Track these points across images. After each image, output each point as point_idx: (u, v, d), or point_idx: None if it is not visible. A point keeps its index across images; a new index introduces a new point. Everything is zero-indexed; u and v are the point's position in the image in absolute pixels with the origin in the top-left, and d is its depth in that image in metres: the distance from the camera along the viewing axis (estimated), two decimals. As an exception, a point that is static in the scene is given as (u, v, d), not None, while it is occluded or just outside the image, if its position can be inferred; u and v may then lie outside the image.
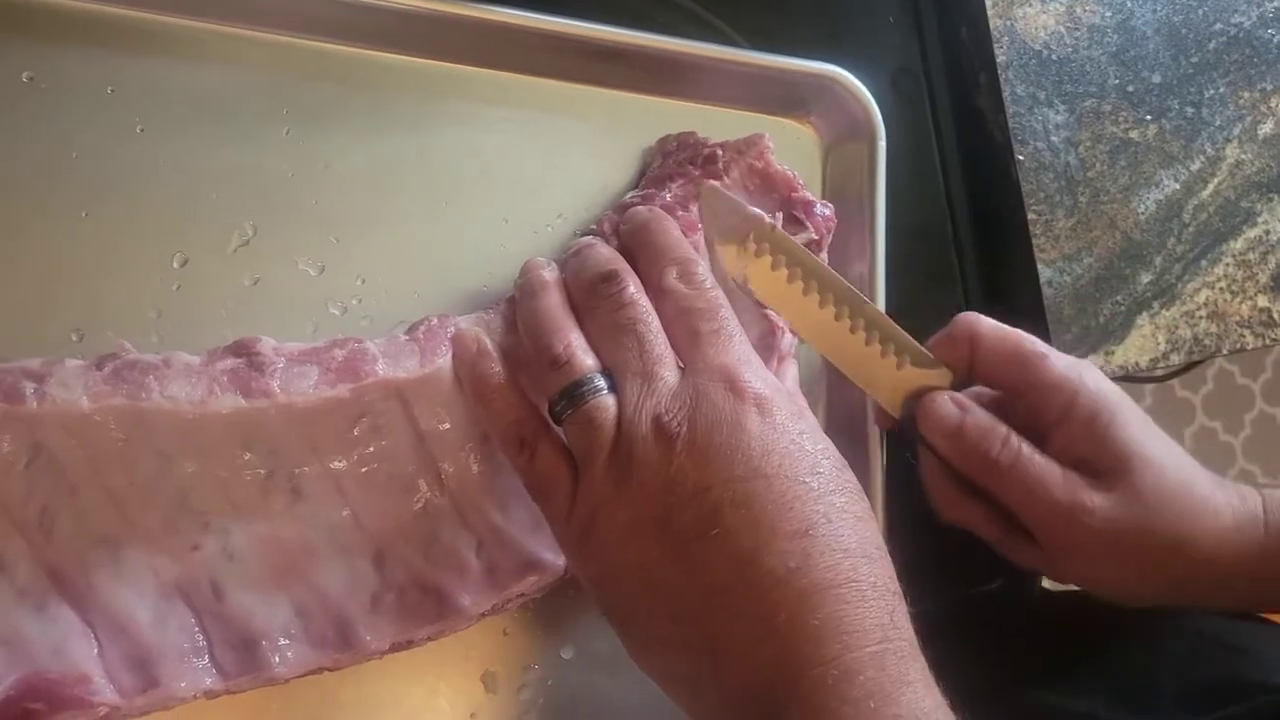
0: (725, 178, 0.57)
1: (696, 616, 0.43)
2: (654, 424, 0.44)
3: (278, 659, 0.47)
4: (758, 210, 0.53)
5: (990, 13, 0.68)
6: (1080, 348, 0.66)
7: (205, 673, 0.46)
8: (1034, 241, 0.66)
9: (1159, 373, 0.68)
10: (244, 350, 0.47)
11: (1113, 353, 0.67)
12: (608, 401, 0.45)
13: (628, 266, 0.49)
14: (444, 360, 0.50)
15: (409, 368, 0.49)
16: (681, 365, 0.47)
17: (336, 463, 0.48)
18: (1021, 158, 0.67)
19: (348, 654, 0.48)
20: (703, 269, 0.49)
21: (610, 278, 0.48)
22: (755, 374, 0.46)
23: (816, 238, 0.57)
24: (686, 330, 0.47)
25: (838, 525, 0.44)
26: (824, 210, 0.58)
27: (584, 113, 0.59)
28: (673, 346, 0.47)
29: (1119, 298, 0.67)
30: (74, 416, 0.44)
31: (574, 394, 0.46)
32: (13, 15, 0.49)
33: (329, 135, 0.54)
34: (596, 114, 0.59)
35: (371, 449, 0.49)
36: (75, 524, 0.45)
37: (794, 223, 0.58)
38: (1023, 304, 0.66)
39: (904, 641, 0.43)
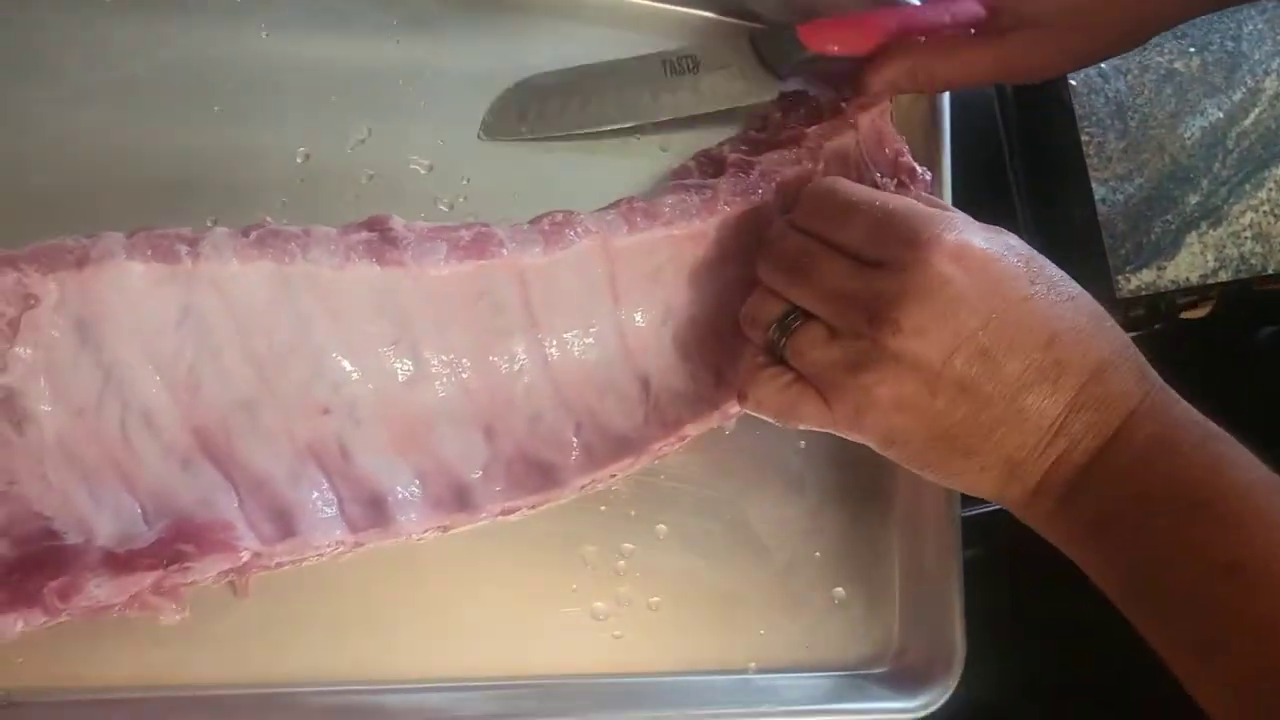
0: (854, 129, 0.60)
1: (962, 431, 0.48)
2: (878, 325, 0.47)
3: (401, 517, 0.49)
4: None
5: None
6: (1134, 262, 0.68)
7: (336, 525, 0.49)
8: (1087, 161, 0.68)
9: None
10: (377, 225, 0.50)
11: (1164, 268, 0.69)
12: (806, 330, 0.50)
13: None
14: (564, 252, 0.52)
15: (533, 254, 0.52)
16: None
17: (457, 337, 0.51)
18: (1074, 82, 0.69)
19: (462, 515, 0.50)
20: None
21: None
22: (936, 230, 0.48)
23: None
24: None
25: (1070, 318, 0.48)
26: (925, 176, 0.61)
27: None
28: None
29: (1169, 217, 0.70)
30: (224, 276, 0.47)
31: (784, 325, 0.50)
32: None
33: (435, 42, 0.57)
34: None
35: (489, 326, 0.51)
36: (219, 384, 0.48)
37: (899, 185, 0.61)
38: (1078, 220, 0.68)
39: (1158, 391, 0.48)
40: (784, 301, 0.51)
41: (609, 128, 0.58)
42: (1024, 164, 0.70)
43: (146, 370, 0.47)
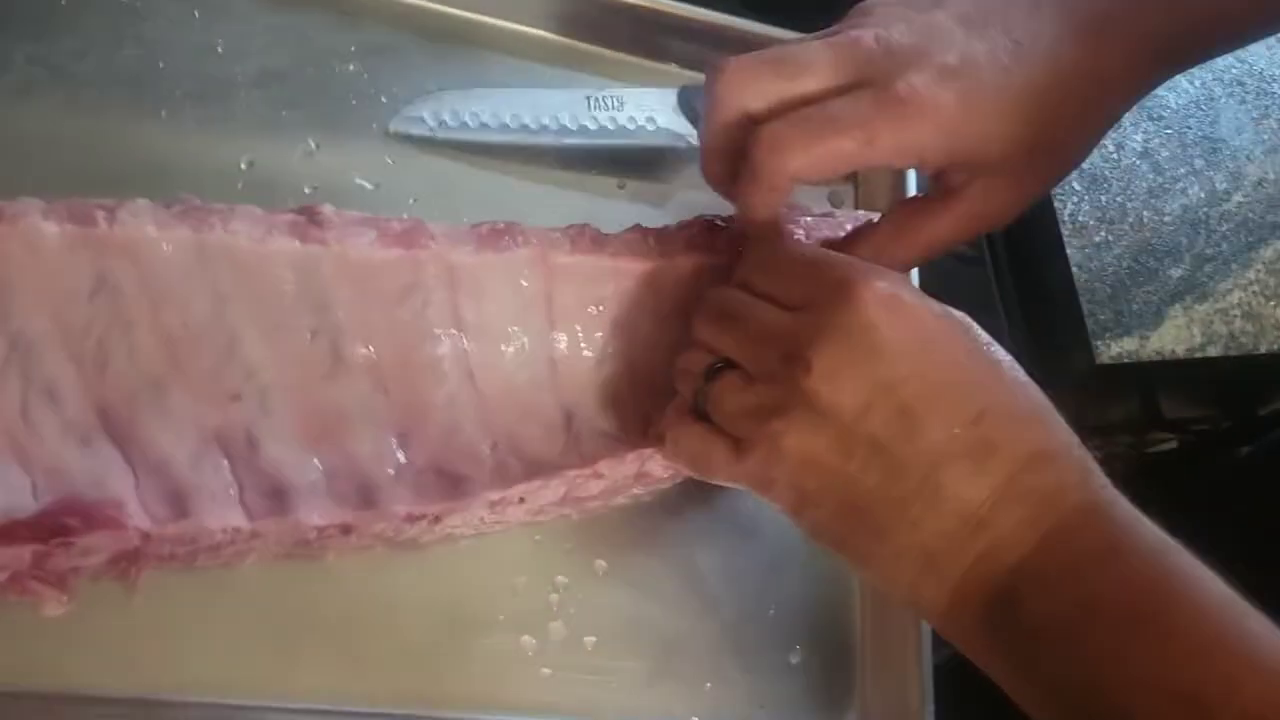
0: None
1: (875, 505, 0.43)
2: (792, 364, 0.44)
3: (302, 508, 0.46)
4: None
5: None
6: (1115, 329, 0.65)
7: (235, 513, 0.46)
8: (1062, 229, 0.67)
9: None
10: (306, 210, 0.48)
11: (1147, 338, 0.66)
12: (725, 381, 0.47)
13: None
14: (498, 255, 0.51)
15: (465, 250, 0.50)
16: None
17: (380, 332, 0.49)
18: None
19: (366, 514, 0.47)
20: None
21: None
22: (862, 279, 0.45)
23: None
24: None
25: (1008, 398, 0.44)
26: None
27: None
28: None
29: (1150, 288, 0.67)
30: (140, 242, 0.45)
31: (708, 376, 0.47)
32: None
33: (392, 68, 0.57)
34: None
35: (414, 326, 0.49)
36: (128, 361, 0.46)
37: None
38: (1055, 286, 0.66)
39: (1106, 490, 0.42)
40: (711, 353, 0.48)
41: (514, 141, 0.58)
42: (998, 231, 0.69)
43: (53, 342, 0.45)
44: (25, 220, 0.44)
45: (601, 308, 0.53)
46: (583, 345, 0.53)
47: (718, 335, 0.48)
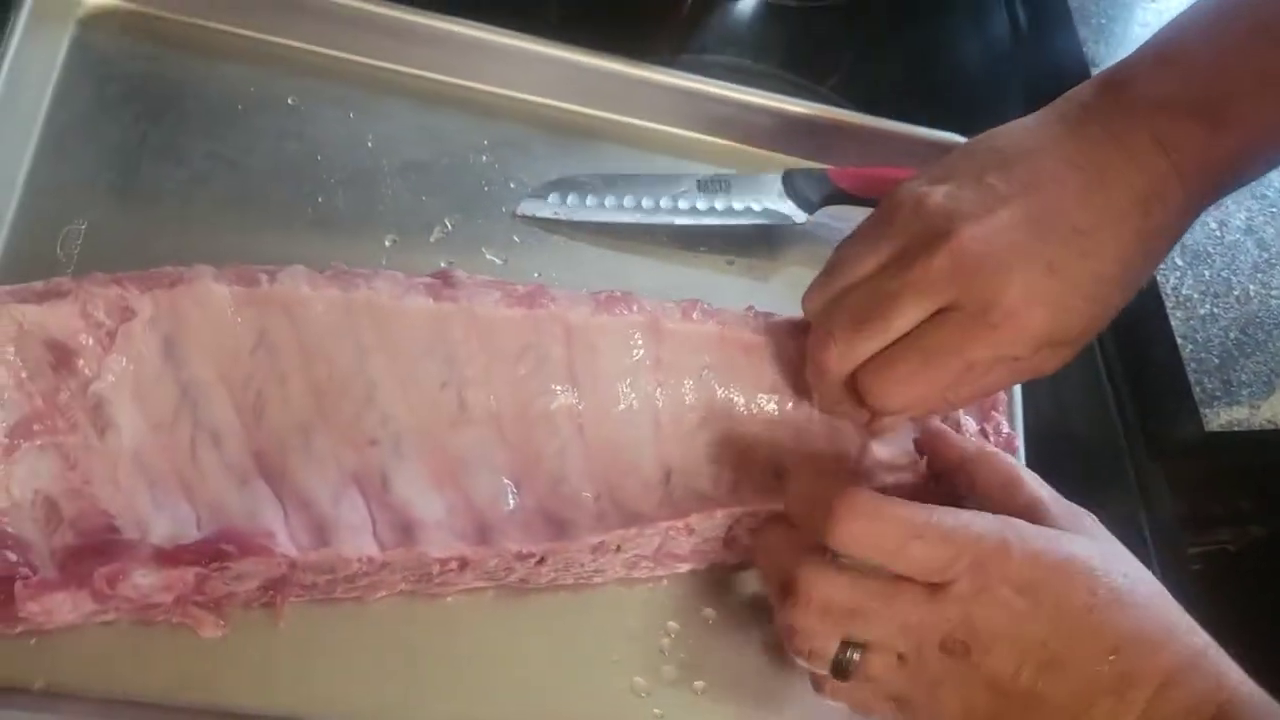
0: None
1: None
2: (939, 641, 0.46)
3: (426, 542, 0.50)
4: None
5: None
6: (1224, 398, 0.65)
7: (369, 544, 0.49)
8: (1165, 301, 0.67)
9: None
10: (441, 273, 0.53)
11: (1258, 406, 0.65)
12: (872, 662, 0.47)
13: None
14: (611, 318, 0.54)
15: (581, 312, 0.54)
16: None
17: (501, 387, 0.53)
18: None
19: (482, 549, 0.50)
20: None
21: None
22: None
23: None
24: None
25: (1136, 625, 0.45)
26: (1014, 440, 0.61)
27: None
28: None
29: (1259, 358, 0.67)
30: (295, 300, 0.50)
31: (845, 660, 0.47)
32: (286, 56, 0.61)
33: (520, 158, 0.62)
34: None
35: (532, 380, 0.53)
36: (281, 410, 0.51)
37: (980, 433, 0.60)
38: (1161, 359, 0.66)
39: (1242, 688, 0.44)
40: (836, 636, 0.48)
41: (629, 221, 0.62)
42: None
43: (220, 392, 0.50)
44: (199, 282, 0.50)
45: (705, 374, 0.56)
46: (686, 409, 0.56)
47: (850, 623, 0.47)
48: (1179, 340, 0.66)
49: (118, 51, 0.58)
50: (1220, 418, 0.65)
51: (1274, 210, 0.72)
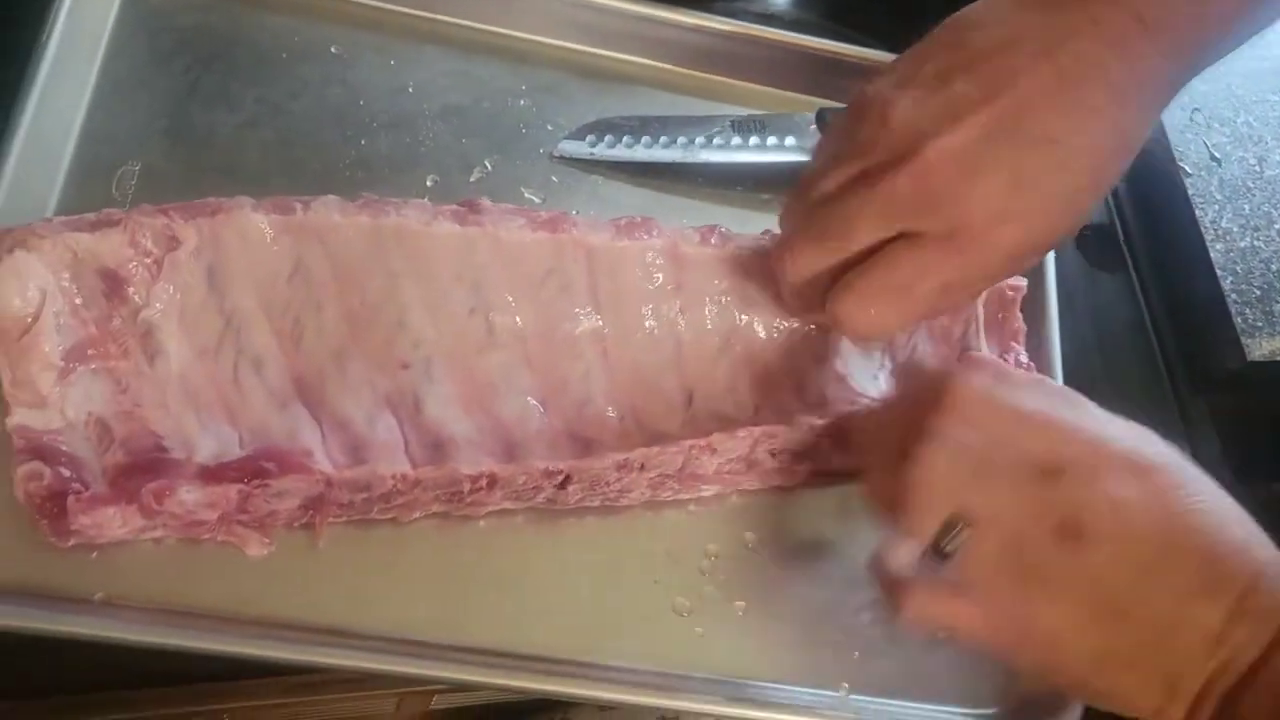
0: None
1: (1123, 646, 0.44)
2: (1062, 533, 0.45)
3: (458, 459, 0.50)
4: None
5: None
6: (1267, 329, 0.63)
7: (402, 461, 0.50)
8: (1204, 236, 0.65)
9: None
10: (467, 201, 0.53)
11: (1302, 337, 0.63)
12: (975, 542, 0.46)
13: None
14: (631, 241, 0.54)
15: (602, 237, 0.53)
16: None
17: (527, 311, 0.53)
18: (1185, 166, 0.67)
19: (510, 466, 0.50)
20: None
21: None
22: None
23: None
24: None
25: (1226, 529, 0.44)
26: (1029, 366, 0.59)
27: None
28: None
29: (1303, 290, 0.64)
30: (328, 227, 0.51)
31: (954, 533, 0.46)
32: (329, 7, 0.61)
33: (558, 101, 0.62)
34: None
35: (556, 303, 0.53)
36: (318, 337, 0.51)
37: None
38: (1201, 292, 0.64)
39: None
40: (946, 512, 0.46)
41: (665, 160, 0.61)
42: (1140, 239, 0.68)
43: (260, 319, 0.51)
44: (239, 212, 0.50)
45: (726, 299, 0.55)
46: (707, 333, 0.55)
47: (963, 493, 0.46)
48: (1219, 273, 0.64)
49: (169, 4, 0.59)
50: (1263, 348, 0.63)
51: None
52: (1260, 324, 0.63)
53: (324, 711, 0.59)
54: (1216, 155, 0.69)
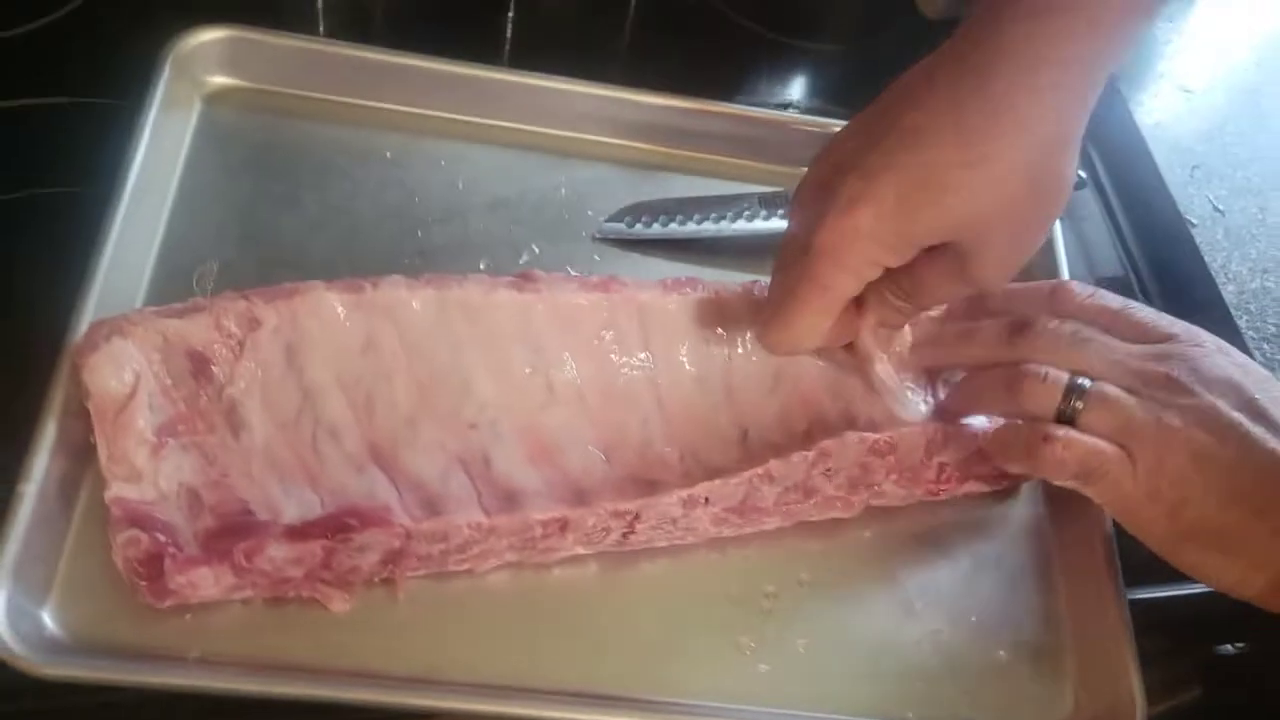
0: None
1: (1257, 486, 0.49)
2: (1164, 378, 0.51)
3: (529, 506, 0.53)
4: None
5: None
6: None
7: (476, 512, 0.53)
8: (1215, 277, 0.68)
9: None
10: (522, 273, 0.57)
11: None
12: (1105, 388, 0.51)
13: None
14: (679, 296, 0.58)
15: (652, 293, 0.57)
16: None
17: (584, 368, 0.56)
18: (1191, 219, 0.70)
19: (580, 510, 0.53)
20: None
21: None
22: None
23: None
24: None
25: None
26: None
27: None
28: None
29: (1316, 324, 0.67)
30: (395, 302, 0.54)
31: (1078, 389, 0.52)
32: (382, 117, 0.67)
33: (599, 190, 0.66)
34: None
35: (611, 358, 0.57)
36: (389, 406, 0.55)
37: None
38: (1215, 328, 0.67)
39: None
40: (1063, 374, 0.52)
41: (700, 235, 0.65)
42: (1154, 288, 0.71)
43: (335, 392, 0.54)
44: (314, 293, 0.54)
45: None
46: (756, 374, 0.58)
47: (1072, 355, 0.53)
48: (1234, 313, 0.67)
49: (239, 123, 0.65)
50: (1284, 379, 0.65)
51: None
52: (1278, 358, 0.66)
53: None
54: (1220, 207, 0.72)
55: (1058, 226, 0.68)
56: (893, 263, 0.50)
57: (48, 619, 0.49)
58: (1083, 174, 0.69)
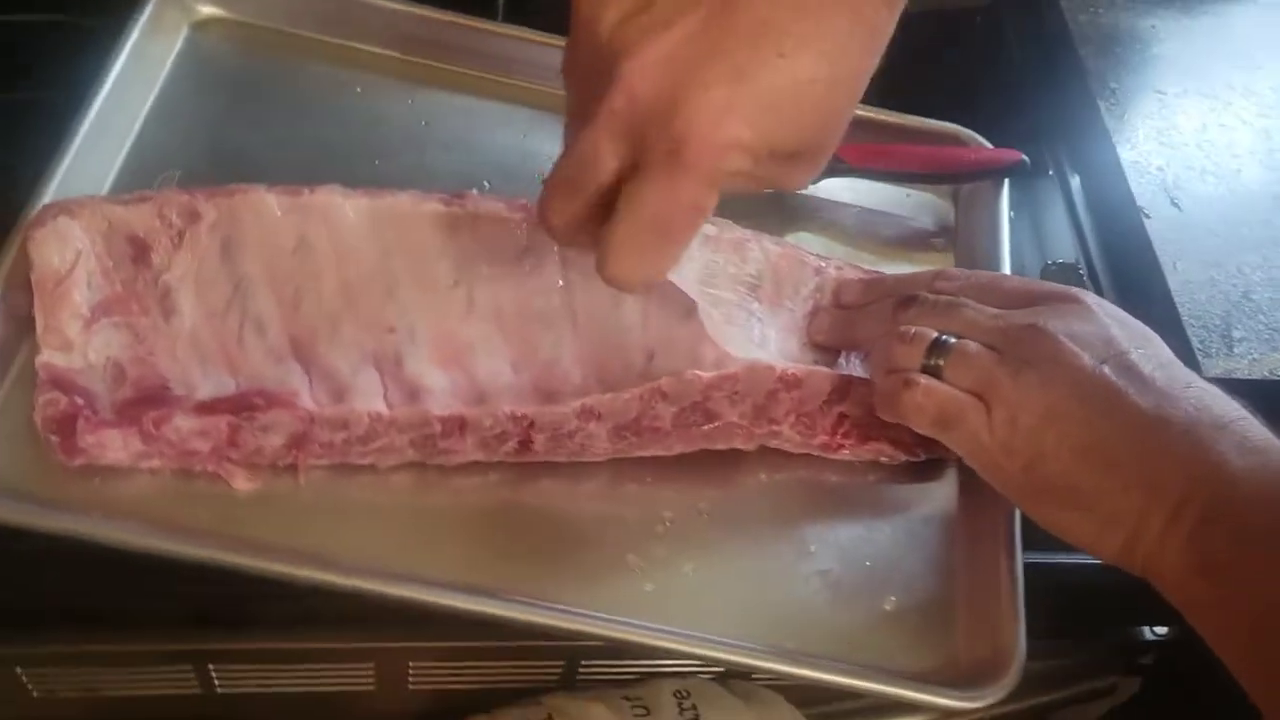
0: None
1: (1110, 441, 0.49)
2: (1029, 330, 0.52)
3: (429, 401, 0.55)
4: None
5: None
6: (1225, 352, 0.65)
7: (379, 403, 0.55)
8: (1163, 268, 0.68)
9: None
10: (456, 191, 0.59)
11: (1260, 361, 0.64)
12: (967, 343, 0.53)
13: None
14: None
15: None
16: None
17: (504, 288, 0.58)
18: (1143, 205, 0.71)
19: (478, 409, 0.55)
20: None
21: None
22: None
23: None
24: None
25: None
26: None
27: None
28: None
29: (1263, 319, 0.66)
30: (331, 206, 0.57)
31: (941, 345, 0.53)
32: (356, 57, 0.70)
33: (553, 142, 0.67)
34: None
35: (529, 280, 0.58)
36: (315, 304, 0.57)
37: None
38: (1156, 315, 0.66)
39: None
40: (929, 332, 0.54)
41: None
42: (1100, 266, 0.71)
43: (265, 287, 0.57)
44: (254, 193, 0.57)
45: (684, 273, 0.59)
46: (669, 302, 0.59)
47: (944, 320, 0.54)
48: (1176, 300, 0.67)
49: (222, 52, 0.69)
50: (1218, 367, 0.64)
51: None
52: (1219, 348, 0.65)
53: (304, 684, 0.61)
54: (1177, 203, 0.72)
55: (1004, 212, 0.69)
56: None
57: (-34, 463, 0.52)
58: (1025, 158, 0.70)
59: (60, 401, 0.52)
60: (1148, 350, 0.51)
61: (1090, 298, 0.54)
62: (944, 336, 0.54)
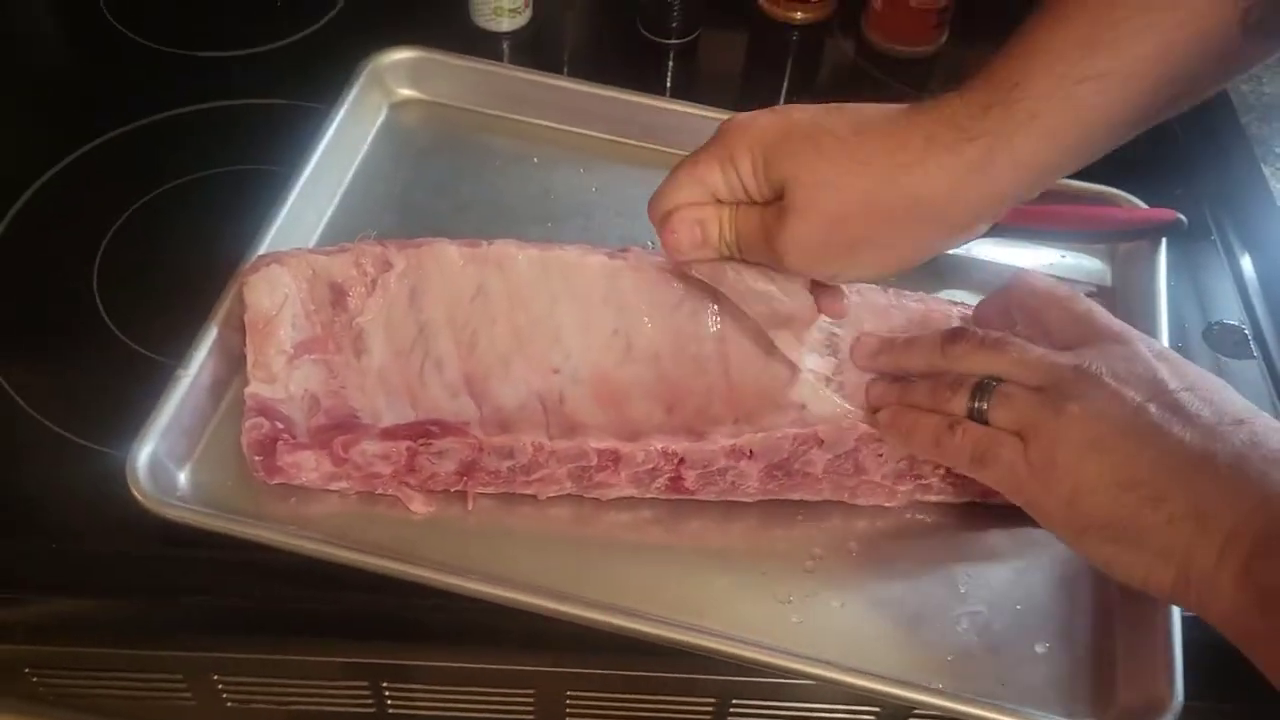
0: None
1: (1154, 473, 0.48)
2: (1074, 370, 0.51)
3: (587, 438, 0.58)
4: None
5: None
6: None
7: (540, 435, 0.58)
8: None
9: None
10: (621, 246, 0.63)
11: None
12: (1009, 386, 0.53)
13: None
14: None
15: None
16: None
17: (661, 334, 0.61)
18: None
19: (631, 444, 0.57)
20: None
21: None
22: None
23: None
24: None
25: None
26: None
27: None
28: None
29: None
30: (506, 256, 0.62)
31: (984, 389, 0.53)
32: (534, 132, 0.76)
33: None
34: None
35: (685, 327, 0.61)
36: (489, 345, 0.61)
37: None
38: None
39: None
40: (971, 377, 0.54)
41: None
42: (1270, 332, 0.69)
43: (446, 329, 0.62)
44: (438, 245, 0.62)
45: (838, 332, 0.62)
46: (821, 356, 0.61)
47: (989, 359, 0.54)
48: None
49: (416, 128, 0.76)
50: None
51: None
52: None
53: (467, 709, 0.64)
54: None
55: (1162, 272, 0.68)
56: (749, 184, 0.53)
57: (182, 478, 0.58)
58: (1182, 217, 0.69)
59: (264, 426, 0.57)
60: (1198, 391, 0.49)
61: (1140, 339, 0.53)
62: (987, 380, 0.53)
